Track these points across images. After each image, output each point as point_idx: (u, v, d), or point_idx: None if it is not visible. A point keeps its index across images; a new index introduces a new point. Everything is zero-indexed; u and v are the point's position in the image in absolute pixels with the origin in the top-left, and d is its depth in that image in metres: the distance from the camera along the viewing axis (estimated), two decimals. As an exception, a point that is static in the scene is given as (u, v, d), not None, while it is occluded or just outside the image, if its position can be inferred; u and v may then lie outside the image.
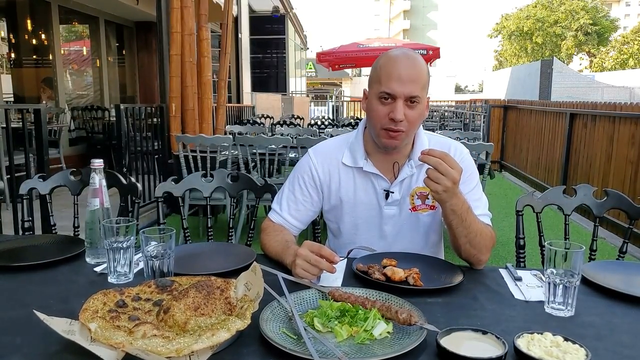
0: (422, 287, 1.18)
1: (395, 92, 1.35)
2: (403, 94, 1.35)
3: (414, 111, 1.38)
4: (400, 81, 1.35)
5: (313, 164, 1.55)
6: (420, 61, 1.40)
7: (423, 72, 1.38)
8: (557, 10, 35.19)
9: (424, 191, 1.49)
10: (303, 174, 1.55)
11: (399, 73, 1.35)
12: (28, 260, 1.33)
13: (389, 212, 1.51)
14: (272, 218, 1.56)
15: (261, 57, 14.61)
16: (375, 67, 1.43)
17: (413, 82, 1.35)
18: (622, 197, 1.68)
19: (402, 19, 69.04)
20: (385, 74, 1.37)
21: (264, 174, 4.22)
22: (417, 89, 1.36)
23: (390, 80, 1.35)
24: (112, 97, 9.01)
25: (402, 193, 1.50)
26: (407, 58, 1.38)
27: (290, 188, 1.56)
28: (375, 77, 1.41)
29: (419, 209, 1.51)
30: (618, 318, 1.07)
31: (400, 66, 1.36)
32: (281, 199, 1.57)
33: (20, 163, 3.87)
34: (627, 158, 4.46)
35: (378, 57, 1.45)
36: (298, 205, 1.54)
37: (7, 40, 8.01)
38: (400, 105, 1.36)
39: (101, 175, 1.37)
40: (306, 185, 1.54)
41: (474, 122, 10.25)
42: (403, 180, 1.50)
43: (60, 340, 0.87)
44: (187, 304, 0.94)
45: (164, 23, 4.89)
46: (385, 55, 1.42)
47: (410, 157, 1.50)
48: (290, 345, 0.88)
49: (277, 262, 1.38)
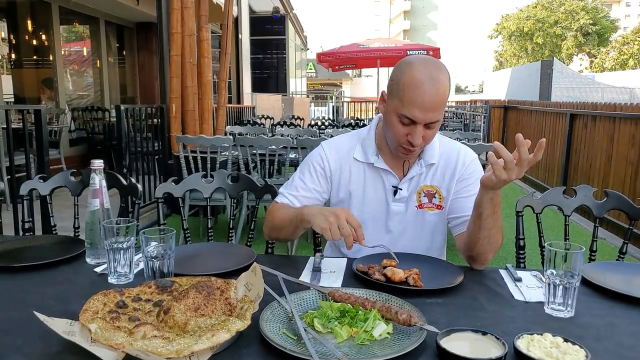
0: (422, 287, 1.18)
1: (417, 119, 1.33)
2: (424, 121, 1.34)
3: (431, 131, 1.38)
4: (423, 108, 1.32)
5: (325, 154, 1.56)
6: (445, 83, 1.33)
7: (446, 95, 1.35)
8: (557, 11, 35.21)
9: (431, 189, 1.52)
10: (315, 163, 1.57)
11: (423, 100, 1.31)
12: (28, 260, 1.34)
13: (395, 209, 1.53)
14: (279, 200, 1.57)
15: (261, 57, 14.61)
16: (396, 80, 1.36)
17: (435, 108, 1.32)
18: (622, 198, 1.68)
19: (402, 19, 69.06)
20: (408, 98, 1.32)
21: (264, 175, 4.21)
22: (438, 114, 1.34)
23: (413, 106, 1.32)
24: (112, 97, 9.01)
25: (410, 190, 1.52)
26: (432, 83, 1.31)
27: (301, 175, 1.58)
28: (397, 92, 1.35)
29: (425, 207, 1.53)
30: (618, 319, 1.07)
31: (425, 93, 1.31)
32: (290, 184, 1.58)
33: (20, 164, 3.87)
34: (627, 158, 4.46)
35: (400, 65, 1.39)
36: (307, 193, 1.55)
37: (7, 40, 8.02)
38: (420, 129, 1.35)
39: (101, 175, 1.37)
40: (317, 173, 1.56)
41: (474, 122, 10.25)
42: (412, 178, 1.52)
43: (61, 341, 0.87)
44: (188, 304, 0.94)
45: (164, 24, 4.89)
46: (409, 71, 1.34)
47: (421, 157, 1.52)
48: (290, 346, 0.88)
49: (284, 229, 1.45)
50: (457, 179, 1.52)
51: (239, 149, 4.05)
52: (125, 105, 4.56)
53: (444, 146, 1.55)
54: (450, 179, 1.52)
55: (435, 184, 1.53)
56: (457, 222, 1.51)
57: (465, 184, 1.51)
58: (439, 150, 1.53)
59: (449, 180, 1.52)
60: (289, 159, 4.01)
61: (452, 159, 1.53)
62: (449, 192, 1.53)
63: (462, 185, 1.52)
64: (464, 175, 1.52)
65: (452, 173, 1.52)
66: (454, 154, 1.54)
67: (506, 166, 1.17)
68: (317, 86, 31.73)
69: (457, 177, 1.52)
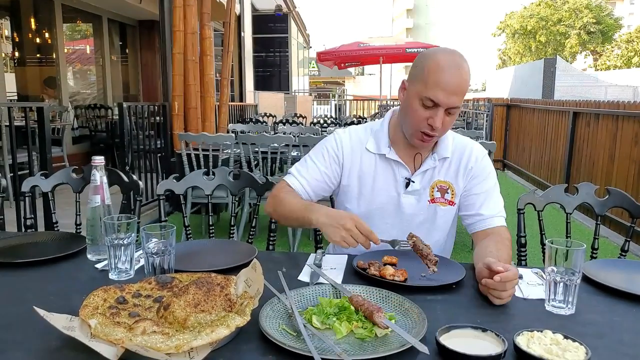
0: (422, 284, 1.18)
1: (440, 101, 1.34)
2: (447, 104, 1.35)
3: (450, 117, 1.39)
4: (446, 91, 1.33)
5: (340, 139, 1.56)
6: (467, 70, 1.37)
7: (468, 83, 1.37)
8: (560, 9, 35.06)
9: (444, 185, 1.53)
10: (328, 146, 1.57)
11: (447, 82, 1.33)
12: (30, 257, 1.34)
13: (406, 201, 1.53)
14: (289, 180, 1.56)
15: (264, 55, 14.61)
16: (420, 66, 1.38)
17: (458, 93, 1.35)
18: (624, 196, 1.67)
19: (406, 17, 68.89)
20: (432, 80, 1.34)
21: (266, 173, 4.22)
22: (460, 99, 1.36)
23: (437, 88, 1.33)
24: (115, 95, 9.02)
25: (422, 184, 1.52)
26: (457, 68, 1.34)
27: (313, 157, 1.58)
28: (421, 77, 1.37)
29: (438, 202, 1.53)
30: (619, 316, 1.06)
31: (450, 76, 1.33)
32: (302, 165, 1.58)
33: (23, 161, 3.88)
34: (631, 157, 4.44)
35: (424, 54, 1.42)
36: (317, 175, 1.54)
37: (10, 38, 8.04)
38: (441, 113, 1.36)
39: (102, 172, 1.37)
40: (330, 157, 1.55)
41: (477, 120, 10.22)
42: (426, 171, 1.52)
43: (61, 336, 0.87)
44: (187, 300, 0.94)
45: (167, 22, 4.89)
46: (434, 57, 1.37)
47: (434, 151, 1.52)
48: (289, 342, 0.88)
49: (289, 220, 1.46)
50: (470, 175, 1.52)
51: (241, 147, 4.05)
52: (128, 103, 4.57)
53: (458, 142, 1.55)
54: (462, 175, 1.53)
55: (448, 179, 1.53)
56: (472, 221, 1.52)
57: (477, 182, 1.52)
58: (452, 146, 1.53)
59: (462, 177, 1.53)
60: (291, 157, 4.02)
61: (465, 155, 1.53)
62: (460, 188, 1.53)
63: (475, 182, 1.52)
64: (476, 172, 1.52)
65: (464, 169, 1.53)
66: (467, 150, 1.54)
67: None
68: (320, 84, 31.72)
69: (469, 174, 1.52)
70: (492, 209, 1.49)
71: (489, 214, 1.49)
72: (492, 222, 1.48)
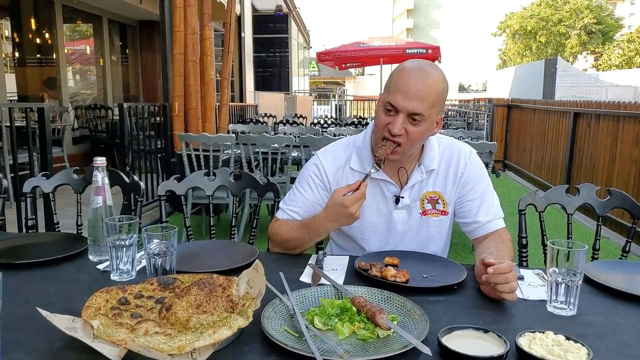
0: (424, 285, 1.18)
1: (398, 105, 1.31)
2: (406, 110, 1.31)
3: (415, 128, 1.33)
4: (405, 95, 1.31)
5: (322, 165, 1.52)
6: (435, 77, 1.33)
7: (433, 89, 1.32)
8: (561, 9, 35.05)
9: (434, 196, 1.49)
10: (312, 174, 1.53)
11: (407, 87, 1.31)
12: (31, 257, 1.34)
13: (398, 217, 1.50)
14: (281, 217, 1.53)
15: (264, 56, 14.61)
16: (390, 75, 1.39)
17: (419, 98, 1.30)
18: (625, 197, 1.67)
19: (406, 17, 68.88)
20: (394, 85, 1.34)
21: (267, 173, 4.22)
22: (421, 106, 1.31)
23: (397, 93, 1.32)
24: (115, 96, 9.03)
25: (412, 198, 1.49)
26: (419, 72, 1.32)
27: (300, 188, 1.54)
28: (387, 84, 1.38)
29: (430, 213, 1.50)
30: (620, 317, 1.06)
31: (410, 80, 1.31)
32: (290, 199, 1.54)
33: (24, 162, 3.88)
34: (632, 157, 4.44)
35: (398, 65, 1.42)
36: (307, 207, 1.51)
37: (11, 39, 8.03)
38: (400, 119, 1.32)
39: (103, 173, 1.37)
40: (316, 185, 1.52)
41: (478, 121, 10.23)
42: (414, 185, 1.49)
43: (63, 337, 0.87)
44: (189, 301, 0.94)
45: (167, 22, 4.89)
46: (401, 65, 1.38)
47: (421, 163, 1.48)
48: (291, 343, 0.88)
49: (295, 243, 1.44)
50: (462, 182, 1.49)
51: (241, 147, 4.06)
52: (128, 103, 4.57)
53: (443, 149, 1.51)
54: (453, 183, 1.49)
55: (437, 189, 1.50)
56: (470, 228, 1.50)
57: (470, 187, 1.49)
58: (438, 155, 1.49)
59: (452, 185, 1.49)
60: (291, 157, 4.02)
61: (453, 161, 1.49)
62: (452, 196, 1.50)
63: (468, 188, 1.49)
64: (468, 177, 1.49)
65: (455, 176, 1.49)
66: (455, 156, 1.50)
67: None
68: (320, 85, 31.73)
69: (460, 180, 1.49)
70: (489, 213, 1.47)
71: (486, 220, 1.47)
72: (490, 226, 1.46)
